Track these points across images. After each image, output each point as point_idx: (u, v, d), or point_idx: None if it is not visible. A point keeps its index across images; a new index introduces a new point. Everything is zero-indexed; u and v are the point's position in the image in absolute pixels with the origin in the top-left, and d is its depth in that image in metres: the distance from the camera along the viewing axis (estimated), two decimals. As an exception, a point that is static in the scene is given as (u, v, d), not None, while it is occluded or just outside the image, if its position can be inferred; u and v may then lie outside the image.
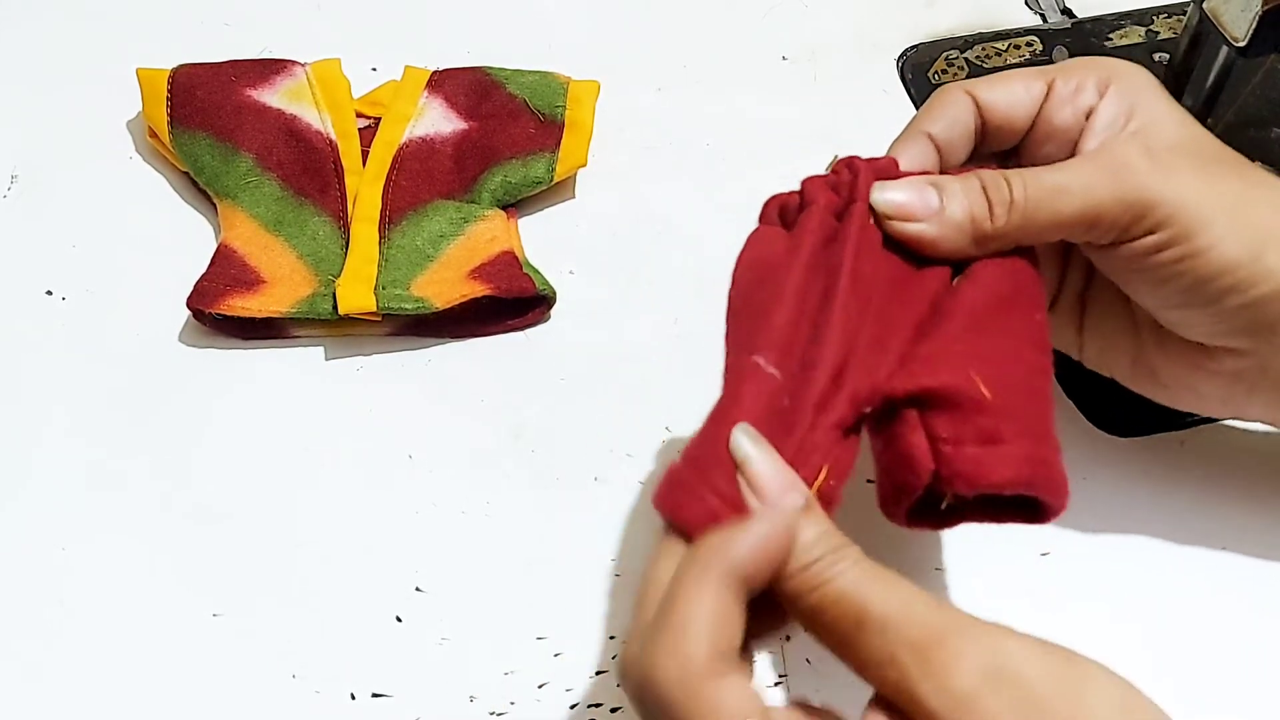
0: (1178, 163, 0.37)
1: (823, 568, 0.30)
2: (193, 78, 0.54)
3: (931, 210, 0.36)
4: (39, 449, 0.46)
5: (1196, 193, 0.36)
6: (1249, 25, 0.44)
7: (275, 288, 0.49)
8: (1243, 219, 0.36)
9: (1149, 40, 0.60)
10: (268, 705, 0.40)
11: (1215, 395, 0.40)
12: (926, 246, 0.36)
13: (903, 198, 0.36)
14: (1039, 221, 0.36)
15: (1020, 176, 0.37)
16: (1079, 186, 0.36)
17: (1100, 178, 0.36)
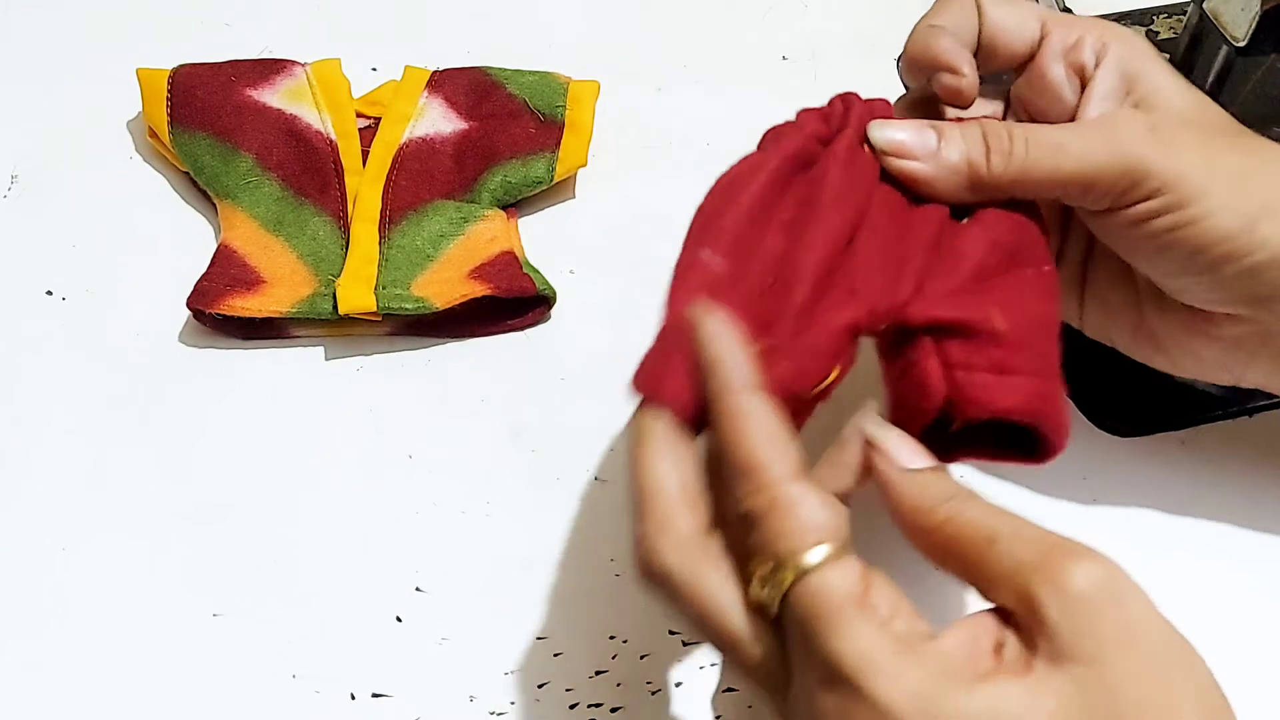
0: (1179, 134, 0.37)
1: (958, 502, 0.32)
2: (193, 78, 0.54)
3: (929, 150, 0.37)
4: (39, 449, 0.46)
5: (1193, 163, 0.36)
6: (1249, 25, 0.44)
7: (275, 288, 0.49)
8: (1239, 189, 0.36)
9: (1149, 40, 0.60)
10: (268, 705, 0.40)
11: (1216, 361, 0.41)
12: (922, 185, 0.37)
13: (901, 135, 0.37)
14: (1036, 175, 0.37)
15: (1023, 129, 0.37)
16: (1078, 147, 0.36)
17: (1100, 142, 0.36)
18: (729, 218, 0.35)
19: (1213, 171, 0.36)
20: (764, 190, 0.36)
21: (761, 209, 0.36)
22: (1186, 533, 0.44)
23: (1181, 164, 0.36)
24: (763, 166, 0.36)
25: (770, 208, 0.36)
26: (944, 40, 0.39)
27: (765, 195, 0.36)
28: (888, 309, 0.35)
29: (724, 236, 0.35)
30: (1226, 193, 0.36)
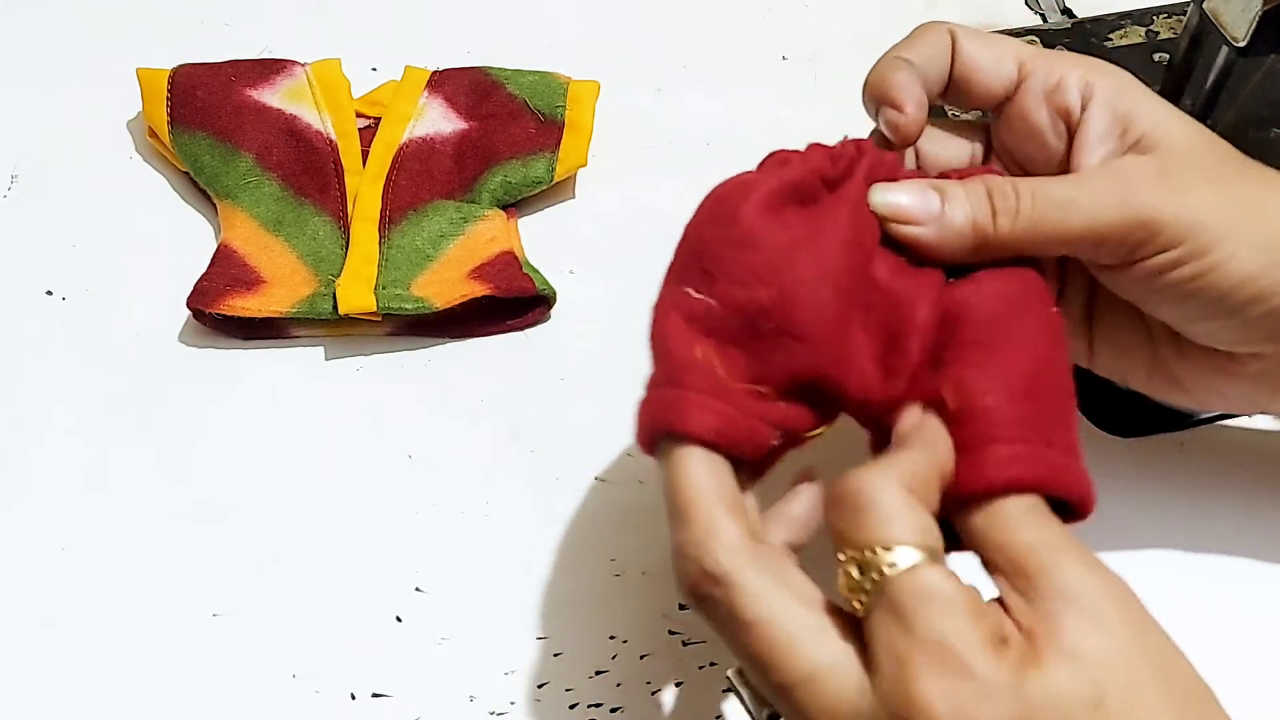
0: (1188, 177, 0.36)
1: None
2: (193, 78, 0.54)
3: (932, 214, 0.35)
4: (39, 449, 0.46)
5: (1208, 205, 0.35)
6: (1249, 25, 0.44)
7: (275, 288, 0.49)
8: (1257, 226, 0.35)
9: (1149, 40, 0.60)
10: (268, 705, 0.40)
11: (1240, 396, 0.40)
12: (926, 250, 0.36)
13: (904, 200, 0.35)
14: (1044, 234, 0.35)
15: (1029, 185, 0.36)
16: (1088, 203, 0.35)
17: (1110, 195, 0.35)
18: (724, 249, 0.34)
19: (1228, 211, 0.35)
20: (757, 219, 0.34)
21: (757, 244, 0.34)
22: (1186, 533, 0.44)
23: (1197, 210, 0.35)
24: (755, 189, 0.35)
25: (761, 241, 0.34)
26: (900, 74, 0.38)
27: (757, 226, 0.34)
28: (880, 400, 0.34)
29: (718, 273, 0.34)
30: (1245, 231, 0.35)
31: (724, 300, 0.34)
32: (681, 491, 0.32)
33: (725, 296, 0.34)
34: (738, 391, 0.33)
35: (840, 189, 0.35)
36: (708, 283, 0.34)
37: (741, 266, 0.34)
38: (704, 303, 0.34)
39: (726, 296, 0.33)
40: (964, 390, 0.33)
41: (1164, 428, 0.47)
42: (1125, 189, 0.35)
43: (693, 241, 0.35)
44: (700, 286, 0.34)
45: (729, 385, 0.33)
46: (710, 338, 0.34)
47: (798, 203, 0.35)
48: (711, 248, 0.34)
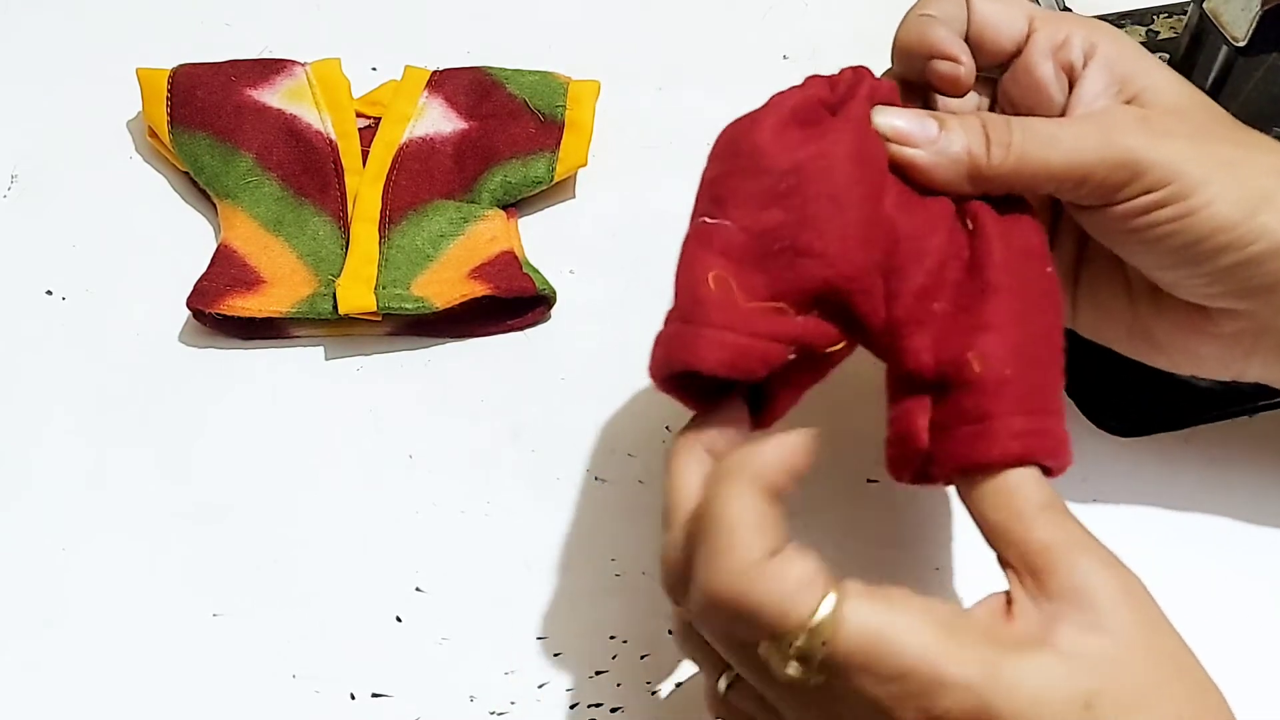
0: (1173, 126, 0.37)
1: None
2: (193, 78, 0.54)
3: (929, 138, 0.37)
4: (39, 449, 0.46)
5: (1188, 154, 0.36)
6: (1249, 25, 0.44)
7: (275, 288, 0.49)
8: (1236, 179, 0.36)
9: (1149, 40, 0.60)
10: (268, 705, 0.40)
11: (1214, 357, 0.40)
12: (920, 173, 0.37)
13: (902, 123, 0.37)
14: (1032, 167, 0.37)
15: (1021, 121, 0.37)
16: (1072, 140, 0.36)
17: (1092, 135, 0.36)
18: (734, 177, 0.36)
19: (1207, 161, 0.36)
20: (763, 143, 0.36)
21: (765, 168, 0.35)
22: (1187, 532, 0.44)
23: (1176, 155, 0.36)
24: (762, 122, 0.36)
25: (773, 167, 0.35)
26: (940, 28, 0.39)
27: (763, 149, 0.36)
28: (892, 320, 0.35)
29: (730, 199, 0.35)
30: (1224, 182, 0.36)
31: (738, 221, 0.35)
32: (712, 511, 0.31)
33: (739, 218, 0.35)
34: (752, 312, 0.34)
35: (843, 110, 0.36)
36: (721, 207, 0.35)
37: (752, 187, 0.35)
38: (720, 226, 0.35)
39: (740, 218, 0.35)
40: (990, 360, 0.34)
41: (1164, 427, 0.47)
42: (1109, 130, 0.36)
43: (707, 176, 0.37)
44: (715, 212, 0.35)
45: (742, 307, 0.34)
46: (727, 258, 0.34)
47: (801, 126, 0.36)
48: (723, 177, 0.36)
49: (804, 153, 0.35)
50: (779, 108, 0.37)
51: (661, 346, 0.35)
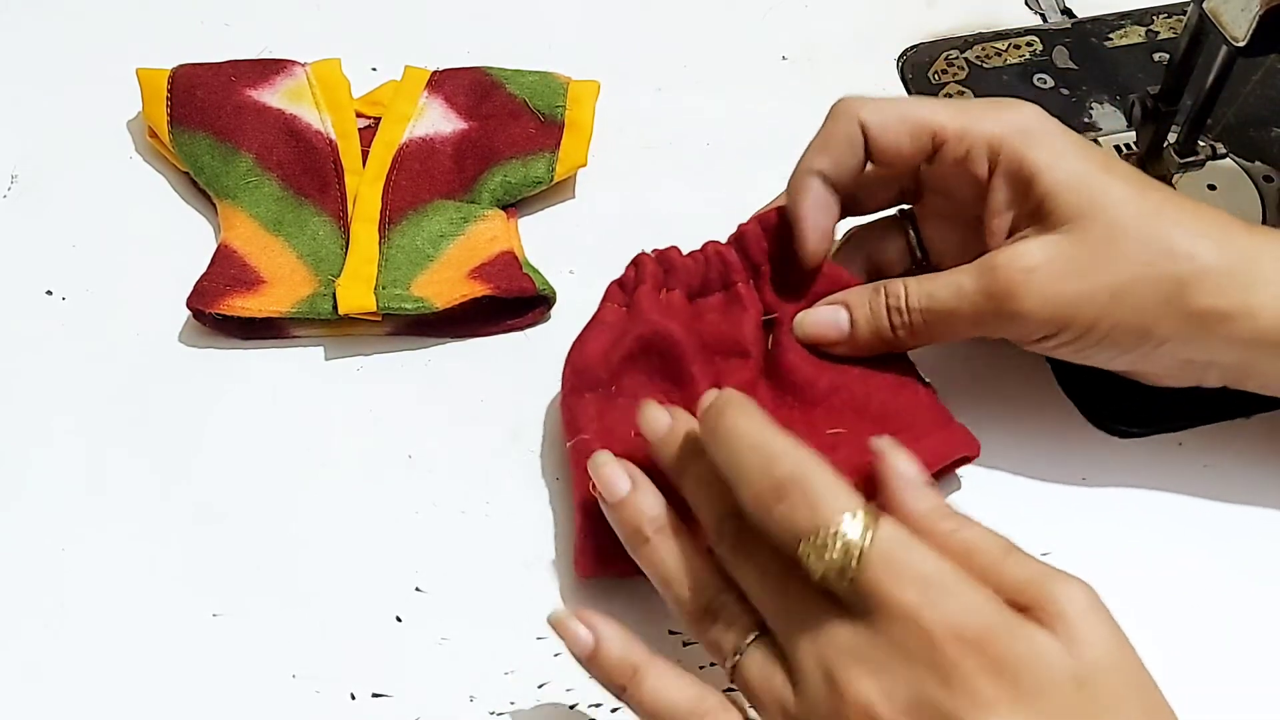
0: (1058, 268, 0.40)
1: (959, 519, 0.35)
2: (193, 78, 0.54)
3: (842, 334, 0.44)
4: (39, 449, 0.46)
5: (1072, 299, 0.40)
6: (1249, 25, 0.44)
7: (275, 288, 0.49)
8: (1129, 303, 0.40)
9: (1149, 40, 0.60)
10: (268, 705, 0.40)
11: (1169, 378, 0.43)
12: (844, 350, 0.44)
13: (817, 329, 0.44)
14: (935, 335, 0.43)
15: (917, 300, 0.42)
16: (967, 311, 0.41)
17: (986, 303, 0.41)
18: (572, 396, 0.43)
19: (1095, 300, 0.40)
20: (591, 362, 0.43)
21: (591, 380, 0.43)
22: (1185, 533, 0.44)
23: (1062, 304, 0.40)
24: (586, 344, 0.44)
25: (599, 377, 0.43)
26: (808, 198, 0.43)
27: (593, 365, 0.43)
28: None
29: (580, 417, 0.43)
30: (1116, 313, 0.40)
31: (588, 431, 0.42)
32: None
33: (590, 429, 0.42)
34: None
35: (634, 304, 0.44)
36: (574, 429, 0.43)
37: (590, 399, 0.43)
38: (579, 440, 0.42)
39: (590, 428, 0.42)
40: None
41: (1164, 427, 0.47)
42: (998, 297, 0.41)
43: (562, 405, 0.44)
44: (570, 434, 0.43)
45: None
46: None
47: (614, 331, 0.44)
48: (566, 399, 0.44)
49: (616, 357, 0.43)
50: (594, 326, 0.44)
51: (578, 561, 0.41)
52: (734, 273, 0.45)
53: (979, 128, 0.41)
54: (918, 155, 0.42)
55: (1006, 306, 0.40)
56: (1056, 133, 0.41)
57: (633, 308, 0.44)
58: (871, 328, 0.43)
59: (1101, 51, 0.59)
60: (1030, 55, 0.59)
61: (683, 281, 0.45)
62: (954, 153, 0.42)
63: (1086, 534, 0.44)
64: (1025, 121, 0.41)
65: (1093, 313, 0.40)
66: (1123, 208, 0.40)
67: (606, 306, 0.45)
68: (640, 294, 0.44)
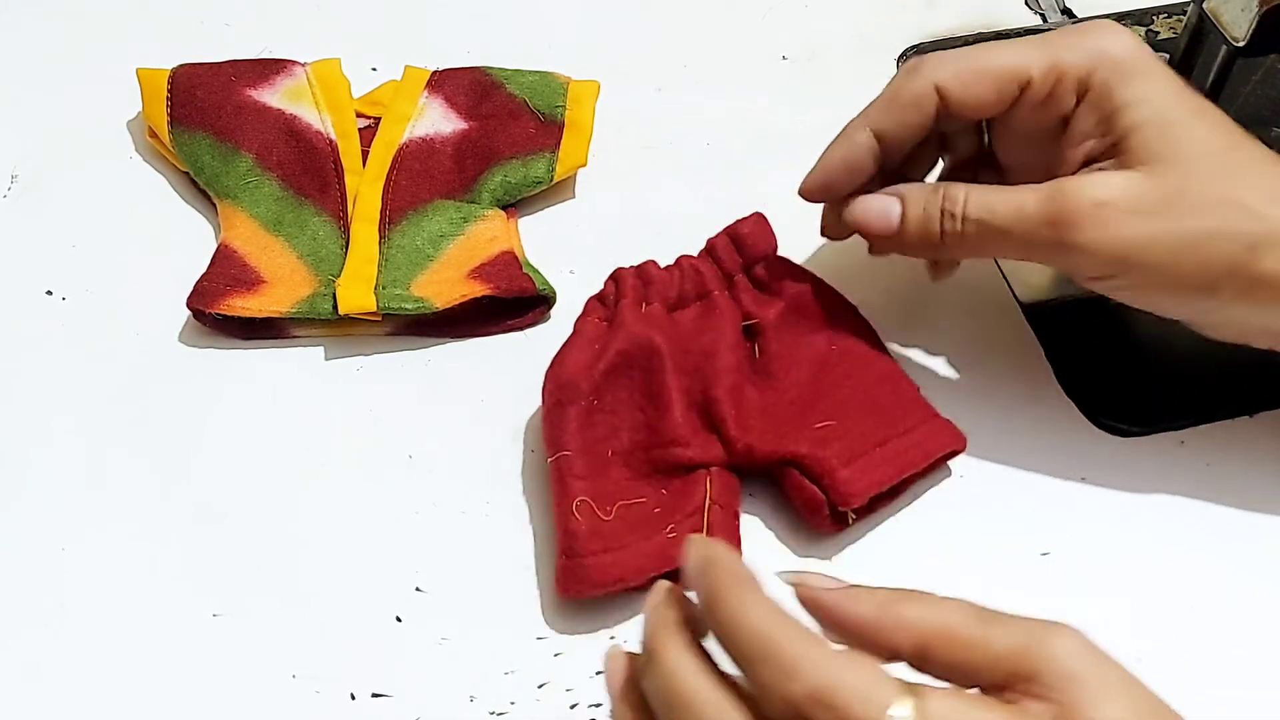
0: (1125, 208, 0.39)
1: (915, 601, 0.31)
2: (193, 78, 0.54)
3: (890, 226, 0.42)
4: (39, 449, 0.46)
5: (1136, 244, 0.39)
6: (1249, 25, 0.44)
7: (275, 288, 0.49)
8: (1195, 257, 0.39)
9: (1149, 40, 0.60)
10: (268, 705, 0.40)
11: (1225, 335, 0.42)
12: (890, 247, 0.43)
13: (869, 215, 0.43)
14: (983, 250, 0.42)
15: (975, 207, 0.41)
16: (1023, 231, 0.40)
17: (1046, 230, 0.39)
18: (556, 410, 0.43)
19: (1157, 246, 0.39)
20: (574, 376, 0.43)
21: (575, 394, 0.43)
22: (1186, 533, 0.44)
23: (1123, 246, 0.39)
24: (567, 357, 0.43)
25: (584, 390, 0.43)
26: (840, 149, 0.43)
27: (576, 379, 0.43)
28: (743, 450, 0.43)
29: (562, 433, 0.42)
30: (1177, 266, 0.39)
31: (572, 448, 0.42)
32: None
33: (572, 445, 0.42)
34: (617, 526, 0.41)
35: (617, 317, 0.44)
36: (557, 444, 0.42)
37: (574, 413, 0.43)
38: (562, 457, 0.42)
39: (573, 445, 0.42)
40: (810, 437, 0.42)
41: (1164, 427, 0.47)
42: (1060, 226, 0.39)
43: (543, 421, 0.44)
44: (552, 449, 0.43)
45: (606, 525, 0.41)
46: (581, 480, 0.42)
47: (596, 344, 0.44)
48: (549, 414, 0.43)
49: (599, 370, 0.43)
50: (575, 341, 0.44)
51: (559, 581, 0.41)
52: (709, 282, 0.45)
53: (1068, 62, 0.40)
54: (1002, 105, 0.41)
55: (1067, 237, 0.39)
56: (1150, 66, 0.40)
57: (614, 321, 0.44)
58: (921, 227, 0.42)
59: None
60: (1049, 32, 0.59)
61: (660, 294, 0.45)
62: (1039, 93, 0.40)
63: (1086, 534, 0.44)
64: (1118, 51, 0.40)
65: (1156, 259, 0.39)
66: (1205, 161, 0.39)
67: (587, 320, 0.45)
68: (623, 308, 0.44)
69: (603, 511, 0.41)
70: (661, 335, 0.44)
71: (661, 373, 0.43)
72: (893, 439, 0.42)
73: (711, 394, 0.43)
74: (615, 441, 0.43)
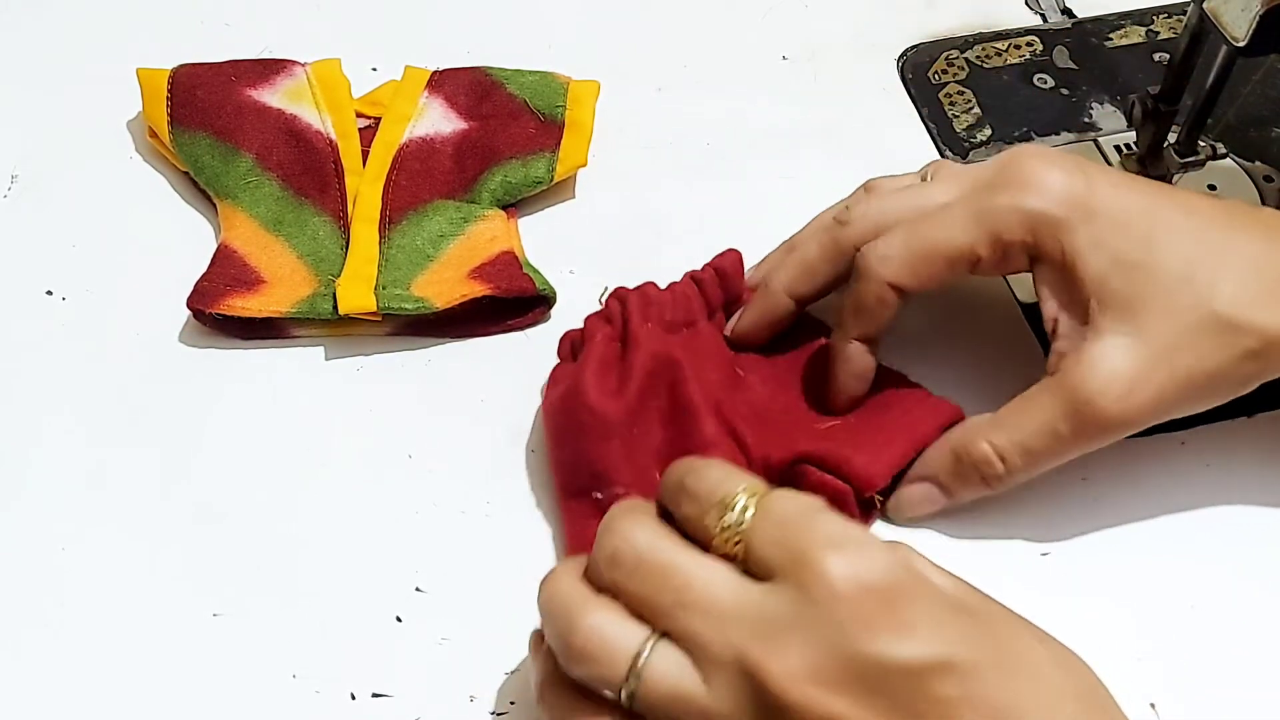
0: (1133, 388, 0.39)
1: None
2: (193, 78, 0.54)
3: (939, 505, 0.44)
4: (39, 449, 0.46)
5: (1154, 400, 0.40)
6: (1249, 25, 0.44)
7: (275, 288, 0.49)
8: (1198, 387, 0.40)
9: (1149, 40, 0.60)
10: (268, 705, 0.40)
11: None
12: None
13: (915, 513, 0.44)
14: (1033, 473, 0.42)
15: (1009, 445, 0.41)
16: (1066, 449, 0.41)
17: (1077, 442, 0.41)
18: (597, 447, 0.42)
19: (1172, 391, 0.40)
20: (599, 406, 0.42)
21: (610, 427, 0.42)
22: (1186, 533, 0.44)
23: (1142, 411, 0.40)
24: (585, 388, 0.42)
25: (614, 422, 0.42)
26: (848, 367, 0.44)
27: (603, 410, 0.42)
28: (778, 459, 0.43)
29: (610, 469, 0.42)
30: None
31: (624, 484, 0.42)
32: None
33: (625, 481, 0.42)
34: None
35: (630, 340, 0.44)
36: (605, 481, 0.42)
37: (616, 447, 0.42)
38: (612, 495, 0.42)
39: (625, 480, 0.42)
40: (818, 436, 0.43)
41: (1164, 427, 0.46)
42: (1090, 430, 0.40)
43: (567, 454, 0.43)
44: (601, 487, 0.42)
45: None
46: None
47: (610, 371, 0.43)
48: (587, 449, 0.42)
49: (632, 394, 0.42)
50: (588, 366, 0.43)
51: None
52: (696, 311, 0.46)
53: (1009, 236, 0.41)
54: (958, 278, 0.42)
55: (1099, 437, 0.40)
56: (1086, 210, 0.40)
57: (629, 341, 0.44)
58: (965, 491, 0.43)
59: (1102, 52, 0.59)
60: (1030, 55, 0.59)
61: (658, 315, 0.45)
62: (991, 262, 0.41)
63: (1087, 534, 0.44)
64: (1051, 207, 0.40)
65: (1172, 400, 0.40)
66: (1176, 290, 0.39)
67: (594, 342, 0.44)
68: (634, 325, 0.44)
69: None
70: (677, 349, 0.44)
71: (685, 384, 0.43)
72: (896, 419, 0.43)
73: (724, 411, 0.43)
74: (660, 462, 0.42)
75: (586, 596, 0.33)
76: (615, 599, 0.33)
